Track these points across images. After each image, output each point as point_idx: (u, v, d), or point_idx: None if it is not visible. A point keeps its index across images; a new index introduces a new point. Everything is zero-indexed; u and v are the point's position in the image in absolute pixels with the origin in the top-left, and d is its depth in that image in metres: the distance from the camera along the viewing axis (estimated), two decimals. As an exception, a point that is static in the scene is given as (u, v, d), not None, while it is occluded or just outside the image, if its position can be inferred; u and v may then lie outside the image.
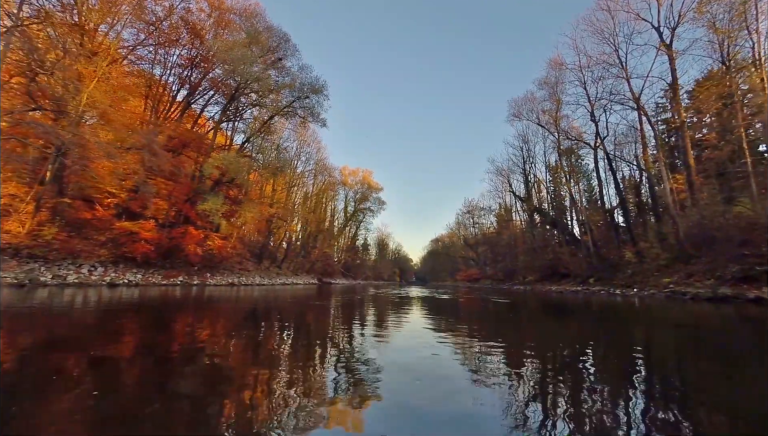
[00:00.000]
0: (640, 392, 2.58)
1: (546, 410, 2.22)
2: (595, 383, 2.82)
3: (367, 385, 2.62)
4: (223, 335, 4.73)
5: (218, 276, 23.85)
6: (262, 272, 32.11)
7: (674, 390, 2.72)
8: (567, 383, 2.80)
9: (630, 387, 2.69)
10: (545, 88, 28.81)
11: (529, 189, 40.39)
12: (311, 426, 1.91)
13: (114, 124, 15.15)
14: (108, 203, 20.61)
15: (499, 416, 2.05)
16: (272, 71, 21.13)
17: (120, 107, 19.85)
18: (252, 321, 6.44)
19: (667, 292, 15.23)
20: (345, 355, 3.72)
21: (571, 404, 2.31)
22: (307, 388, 2.54)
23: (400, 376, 2.90)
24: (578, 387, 2.69)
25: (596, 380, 2.90)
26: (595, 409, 2.22)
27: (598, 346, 4.68)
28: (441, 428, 1.90)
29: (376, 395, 2.40)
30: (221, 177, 19.02)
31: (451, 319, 7.76)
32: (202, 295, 12.38)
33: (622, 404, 2.34)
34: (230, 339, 4.42)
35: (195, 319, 6.40)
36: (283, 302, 10.71)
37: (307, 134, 39.69)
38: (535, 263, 32.22)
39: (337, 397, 2.36)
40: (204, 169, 17.91)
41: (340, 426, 1.94)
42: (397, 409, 2.17)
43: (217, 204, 17.45)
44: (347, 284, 48.17)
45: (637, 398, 2.45)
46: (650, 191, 21.10)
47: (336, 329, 5.79)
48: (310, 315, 7.61)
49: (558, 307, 11.37)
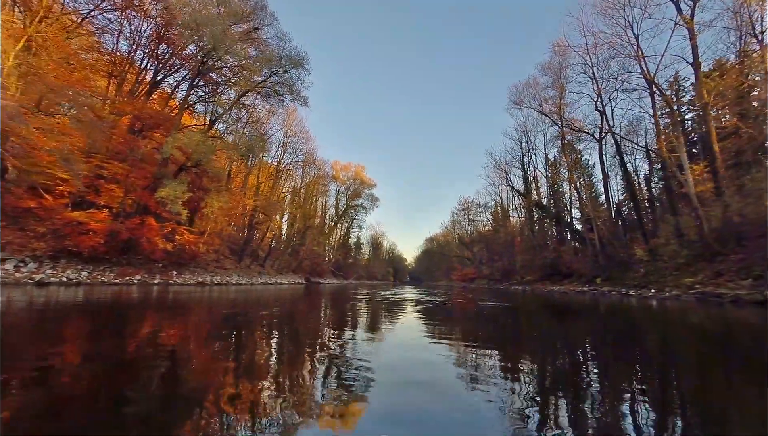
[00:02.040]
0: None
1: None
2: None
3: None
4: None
5: (187, 274, 21.43)
6: (242, 270, 29.68)
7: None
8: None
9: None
10: (548, 74, 26.81)
11: (528, 184, 38.42)
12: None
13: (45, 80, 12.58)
14: (61, 191, 18.13)
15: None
16: (249, 48, 18.76)
17: (69, 78, 17.43)
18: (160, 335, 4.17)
19: (695, 293, 13.18)
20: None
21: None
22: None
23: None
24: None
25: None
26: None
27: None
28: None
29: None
30: (186, 161, 16.61)
31: (442, 327, 5.55)
32: (158, 296, 10.06)
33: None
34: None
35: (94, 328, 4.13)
36: (247, 305, 8.44)
37: (294, 124, 37.30)
38: (535, 261, 30.17)
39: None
40: (163, 151, 15.50)
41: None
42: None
43: (176, 191, 15.05)
44: (338, 283, 45.88)
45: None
46: (665, 182, 19.12)
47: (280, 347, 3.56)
48: (263, 324, 5.36)
49: (569, 311, 9.23)
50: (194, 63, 17.71)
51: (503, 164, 40.90)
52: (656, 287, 16.77)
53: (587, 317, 8.16)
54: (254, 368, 2.84)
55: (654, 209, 22.36)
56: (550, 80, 27.00)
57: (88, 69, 20.18)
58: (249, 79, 17.46)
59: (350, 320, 6.73)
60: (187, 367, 2.93)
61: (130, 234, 16.11)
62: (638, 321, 7.32)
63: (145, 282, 17.35)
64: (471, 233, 66.21)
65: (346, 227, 67.53)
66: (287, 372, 2.79)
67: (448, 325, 6.38)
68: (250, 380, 2.46)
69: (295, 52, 19.09)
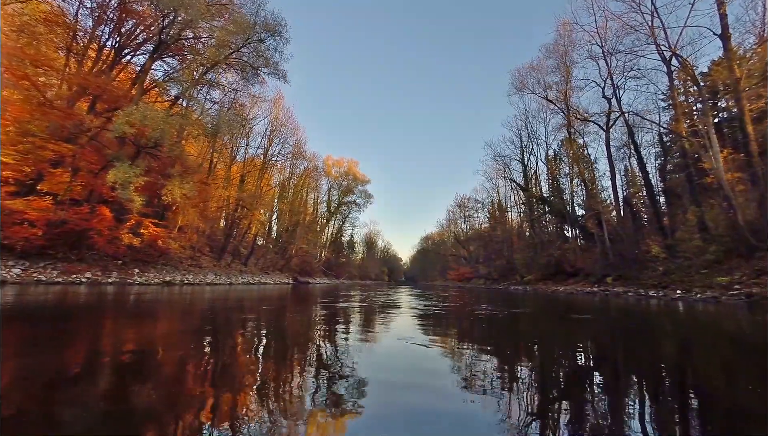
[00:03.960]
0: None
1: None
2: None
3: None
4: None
5: (152, 272, 19.06)
6: (221, 269, 27.30)
7: None
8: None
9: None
10: (553, 57, 24.83)
11: (529, 177, 36.46)
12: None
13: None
14: (4, 178, 15.70)
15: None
16: (219, 15, 16.42)
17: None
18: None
19: (734, 294, 11.19)
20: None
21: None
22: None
23: None
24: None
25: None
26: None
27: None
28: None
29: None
30: (141, 140, 14.25)
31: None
32: (95, 298, 7.78)
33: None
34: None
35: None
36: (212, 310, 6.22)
37: (281, 114, 34.91)
38: (539, 260, 28.16)
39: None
40: (115, 127, 13.17)
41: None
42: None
43: (128, 173, 12.72)
44: (329, 283, 43.59)
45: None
46: (686, 171, 17.23)
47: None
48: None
49: (595, 320, 7.15)
50: (155, 30, 15.37)
51: (502, 157, 38.79)
52: (681, 288, 14.83)
53: (631, 330, 6.07)
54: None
55: (670, 202, 20.52)
56: (554, 63, 25.04)
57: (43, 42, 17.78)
58: (219, 49, 15.13)
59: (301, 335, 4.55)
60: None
61: (76, 225, 13.74)
62: (700, 333, 5.24)
63: (96, 281, 14.99)
64: (467, 231, 64.31)
65: (338, 225, 65.26)
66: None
67: (441, 332, 4.23)
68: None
69: (272, 17, 16.64)
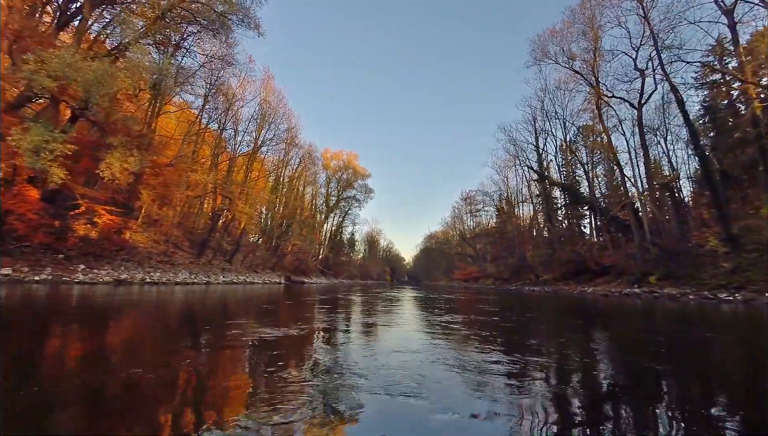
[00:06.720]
0: None
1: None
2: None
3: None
4: None
5: (105, 269, 15.90)
6: (200, 266, 24.16)
7: None
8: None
9: None
10: (580, 21, 21.44)
11: (543, 167, 33.05)
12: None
13: None
14: None
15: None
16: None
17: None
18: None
19: None
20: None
21: None
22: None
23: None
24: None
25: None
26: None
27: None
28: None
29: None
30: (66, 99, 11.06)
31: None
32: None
33: None
34: None
35: None
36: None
37: (271, 96, 31.72)
38: (561, 257, 24.71)
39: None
40: (33, 80, 10.04)
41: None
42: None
43: (40, 138, 9.55)
44: (326, 283, 40.43)
45: None
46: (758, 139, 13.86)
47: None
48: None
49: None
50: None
51: (516, 143, 35.08)
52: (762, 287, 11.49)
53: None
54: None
55: (728, 186, 17.07)
56: (580, 28, 21.65)
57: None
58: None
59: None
60: None
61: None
62: None
63: (16, 279, 11.85)
64: (473, 229, 60.86)
65: (338, 221, 62.03)
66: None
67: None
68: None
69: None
